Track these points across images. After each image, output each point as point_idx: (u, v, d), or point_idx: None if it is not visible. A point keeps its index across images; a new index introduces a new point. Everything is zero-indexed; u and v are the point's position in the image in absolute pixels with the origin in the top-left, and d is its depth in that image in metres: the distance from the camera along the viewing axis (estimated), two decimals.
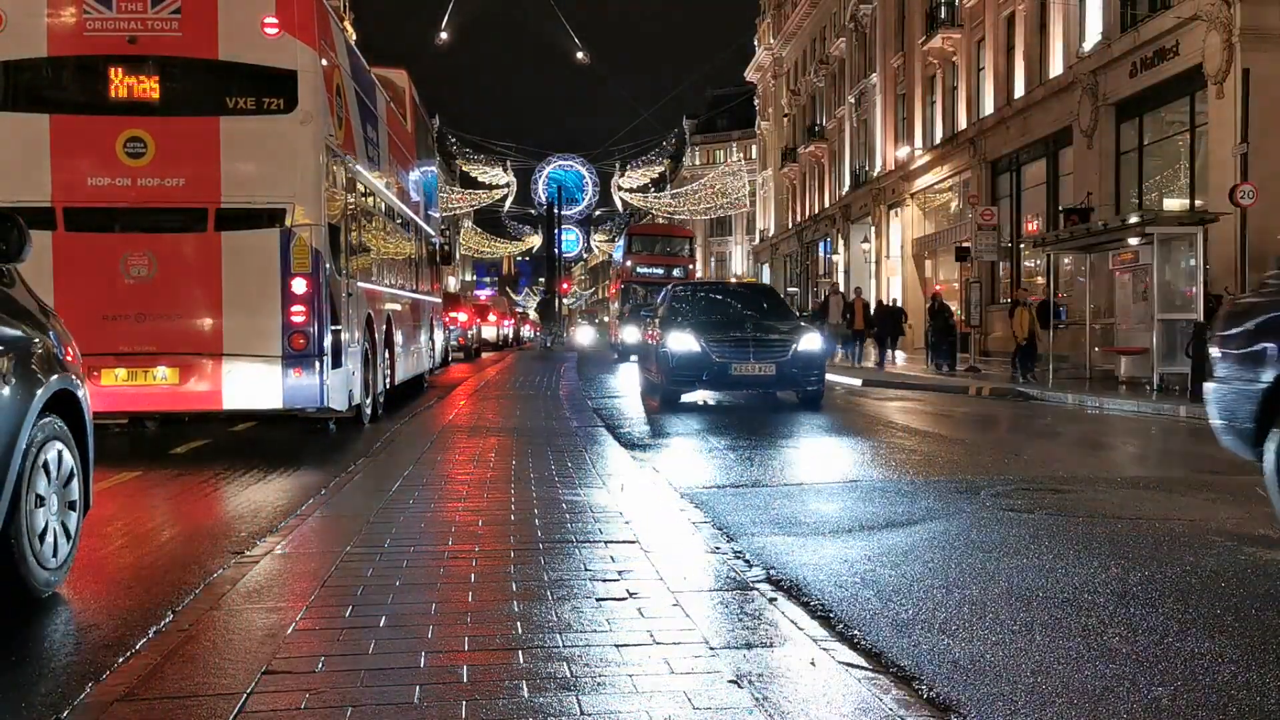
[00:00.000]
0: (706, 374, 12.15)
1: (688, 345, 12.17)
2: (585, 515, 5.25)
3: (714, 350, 12.08)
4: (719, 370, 12.05)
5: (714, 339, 12.20)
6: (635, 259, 38.23)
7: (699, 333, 12.34)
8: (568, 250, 59.01)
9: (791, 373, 12.21)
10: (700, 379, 12.30)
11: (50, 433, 4.01)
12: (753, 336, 12.39)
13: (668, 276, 37.39)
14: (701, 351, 12.06)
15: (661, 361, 12.45)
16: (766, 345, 12.28)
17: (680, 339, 12.29)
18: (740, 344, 12.23)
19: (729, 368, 12.04)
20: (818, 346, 12.61)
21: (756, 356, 12.11)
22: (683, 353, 12.16)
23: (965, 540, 5.03)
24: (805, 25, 53.17)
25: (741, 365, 12.06)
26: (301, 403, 8.57)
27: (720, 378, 12.20)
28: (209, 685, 2.85)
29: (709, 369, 12.07)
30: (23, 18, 8.34)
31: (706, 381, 12.34)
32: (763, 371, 12.09)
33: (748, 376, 12.17)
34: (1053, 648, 3.35)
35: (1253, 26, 18.39)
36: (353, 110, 10.44)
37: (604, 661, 3.01)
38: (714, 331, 12.45)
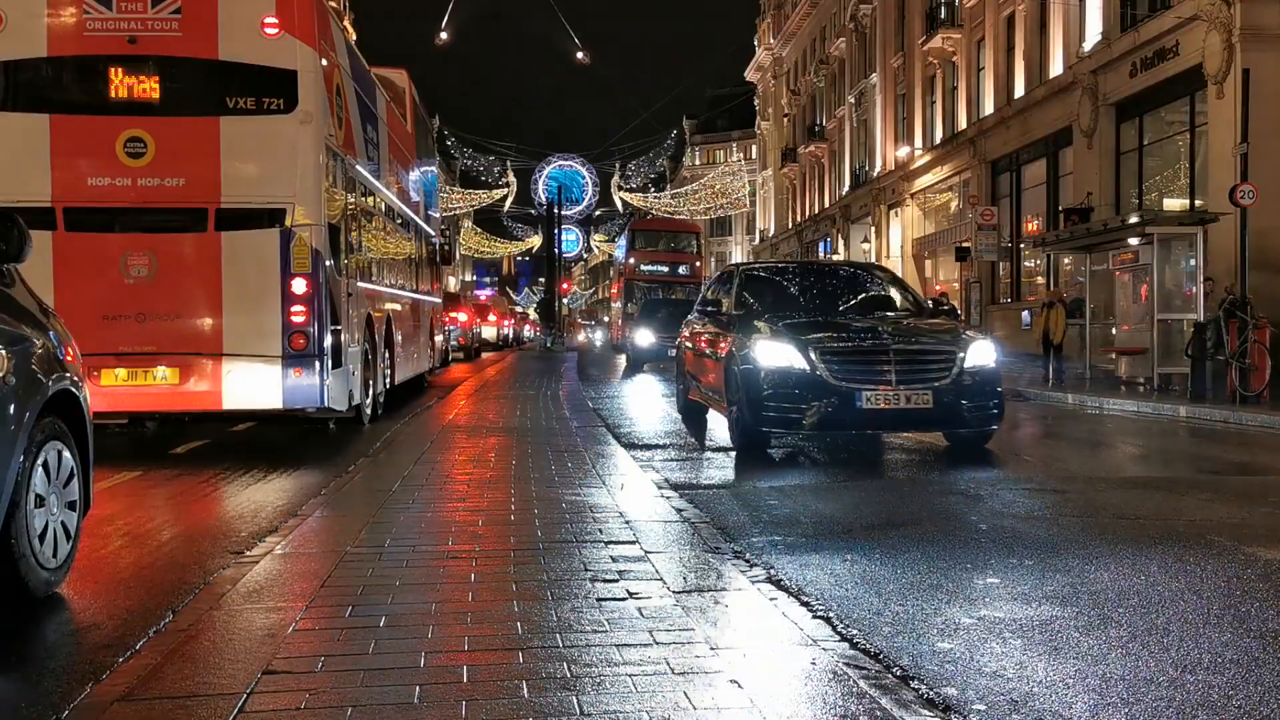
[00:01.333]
0: (820, 406, 7.69)
1: (786, 358, 7.82)
2: (585, 515, 5.25)
3: (831, 367, 7.70)
4: (841, 400, 7.62)
5: (830, 349, 7.84)
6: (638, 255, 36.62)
7: (803, 337, 7.95)
8: (568, 250, 59.01)
9: (957, 405, 7.82)
10: (807, 414, 7.74)
11: (50, 433, 4.01)
12: (893, 345, 7.96)
13: (673, 274, 35.90)
14: (810, 369, 7.71)
15: (740, 383, 8.08)
16: (917, 359, 7.94)
17: (773, 349, 7.94)
18: (873, 357, 7.83)
19: (857, 396, 7.60)
20: (992, 359, 8.14)
21: (903, 377, 7.69)
22: (778, 370, 7.83)
23: (965, 540, 5.03)
24: (805, 25, 53.16)
25: (877, 392, 7.60)
26: (301, 403, 8.57)
27: (843, 412, 7.66)
28: (209, 685, 2.85)
29: (824, 398, 7.67)
30: (23, 18, 8.34)
31: (820, 416, 7.71)
32: (913, 403, 7.66)
33: (889, 411, 7.66)
34: (1053, 648, 3.35)
35: (1253, 26, 18.39)
36: (353, 110, 10.43)
37: (604, 661, 3.01)
38: (826, 336, 8.06)
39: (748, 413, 8.04)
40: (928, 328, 8.82)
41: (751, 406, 7.99)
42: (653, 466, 7.44)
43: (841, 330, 8.34)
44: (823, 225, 49.35)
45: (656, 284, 35.00)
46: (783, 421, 7.92)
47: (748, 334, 8.40)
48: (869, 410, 7.63)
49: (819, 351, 7.77)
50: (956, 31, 32.26)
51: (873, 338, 8.13)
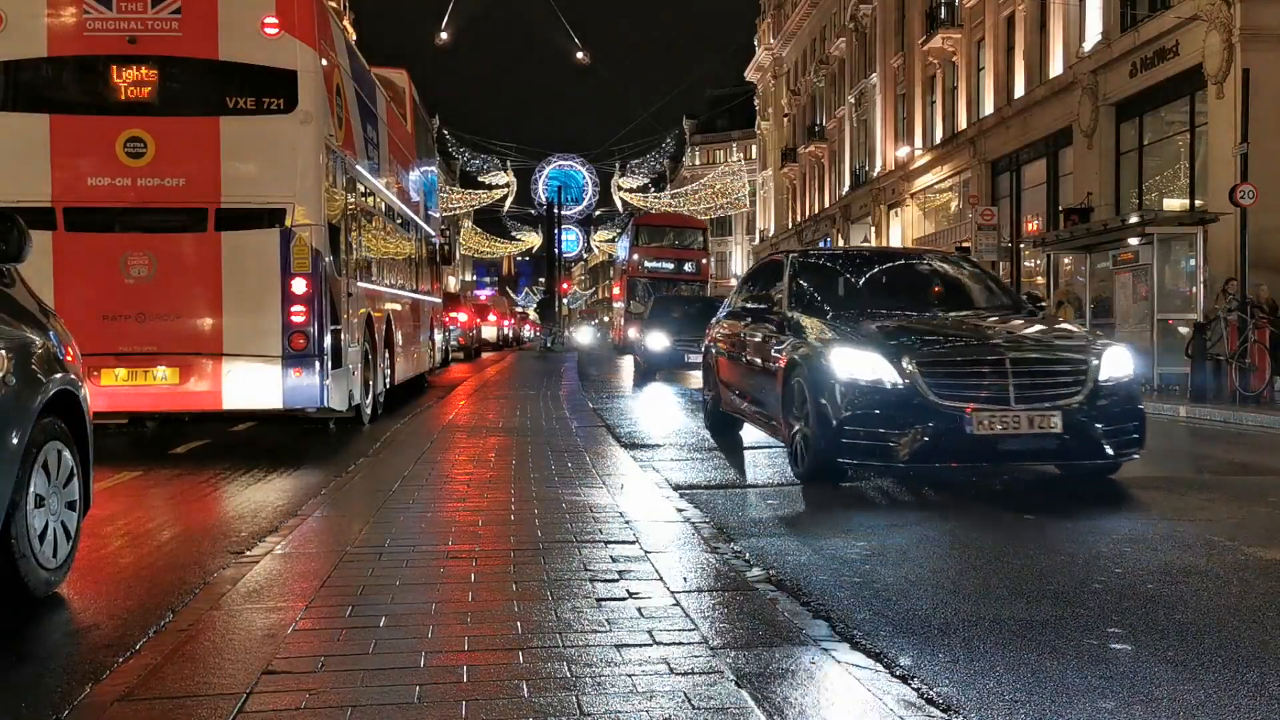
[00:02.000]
0: (918, 432, 6.00)
1: (872, 369, 6.21)
2: (585, 515, 5.25)
3: (932, 381, 6.06)
4: (945, 425, 5.96)
5: (929, 358, 6.19)
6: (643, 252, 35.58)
7: (893, 343, 6.34)
8: (568, 250, 59.00)
9: (1091, 430, 6.12)
10: (901, 443, 6.02)
11: (50, 433, 4.01)
12: (1009, 353, 6.26)
13: (679, 271, 34.97)
14: (904, 384, 6.09)
15: (810, 401, 6.47)
16: (1040, 371, 6.25)
17: (854, 358, 6.31)
18: (985, 368, 6.15)
19: (965, 422, 5.91)
20: (1130, 370, 6.50)
21: (1024, 395, 6.04)
22: (862, 385, 6.20)
23: (965, 541, 5.03)
24: (805, 25, 53.17)
25: (991, 413, 5.93)
26: (301, 403, 8.57)
27: (948, 440, 5.99)
28: (209, 685, 2.85)
29: (923, 421, 6.00)
30: (23, 18, 8.34)
31: (918, 446, 5.99)
32: (1038, 427, 5.99)
33: (1007, 438, 5.97)
34: (1052, 647, 3.35)
35: (1253, 26, 18.40)
36: (353, 110, 10.44)
37: (604, 661, 3.01)
38: (922, 342, 6.42)
39: (821, 439, 6.28)
40: (1046, 331, 7.06)
41: (826, 431, 6.23)
42: (653, 467, 7.43)
43: (938, 334, 6.61)
44: (823, 225, 49.35)
45: (661, 281, 34.06)
46: (868, 451, 6.13)
47: (817, 338, 6.72)
48: (981, 438, 5.87)
49: (916, 361, 6.05)
50: (956, 31, 32.26)
51: (982, 343, 6.44)
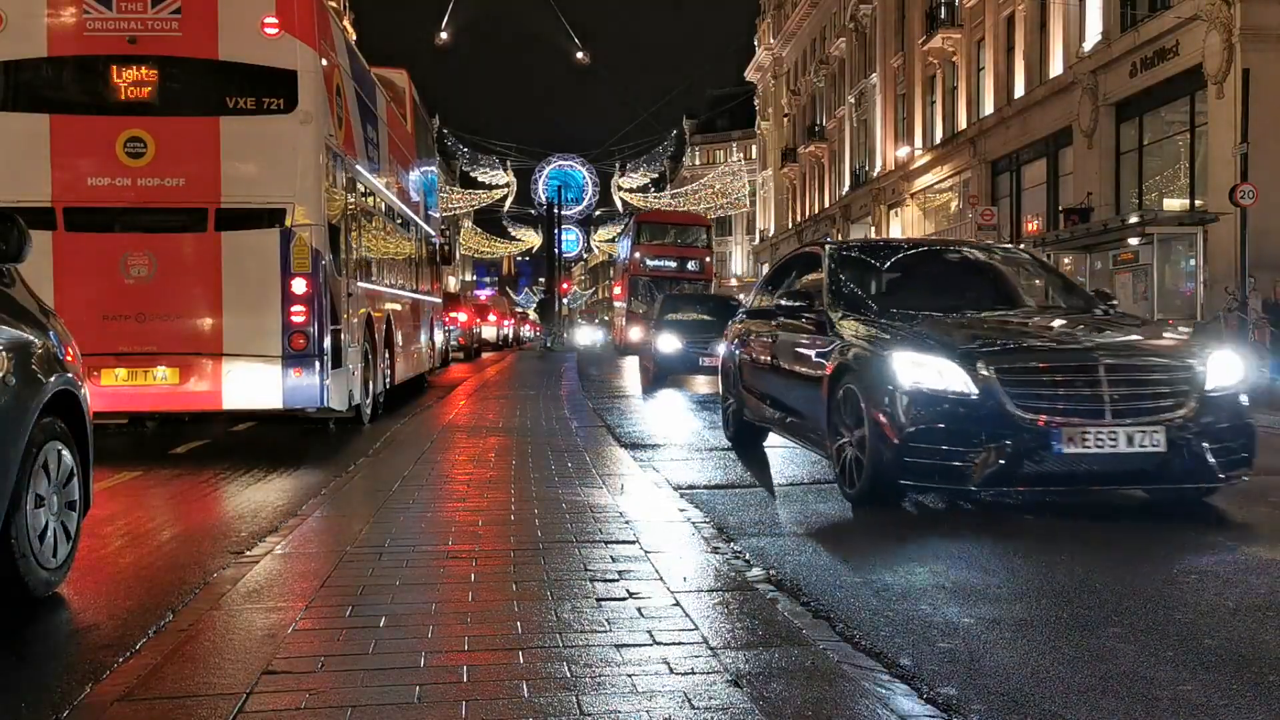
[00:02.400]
0: (997, 450, 5.20)
1: (941, 376, 5.39)
2: (585, 515, 5.25)
3: (1014, 390, 5.25)
4: (1030, 442, 5.17)
5: (1010, 364, 5.38)
6: (645, 250, 34.67)
7: (966, 346, 5.53)
8: (568, 250, 59.00)
9: (1198, 448, 5.29)
10: (977, 463, 5.22)
11: (50, 433, 4.01)
12: (1103, 358, 5.38)
13: (682, 270, 33.97)
14: (979, 394, 5.28)
15: (865, 413, 5.60)
16: (1140, 380, 5.41)
17: (919, 363, 5.48)
18: (1076, 376, 5.33)
19: (1054, 438, 5.13)
20: (1238, 377, 5.62)
21: (1123, 407, 5.22)
22: (930, 394, 5.38)
23: (967, 541, 5.02)
24: (805, 25, 53.19)
25: (1085, 430, 5.14)
26: (301, 403, 8.57)
27: (1033, 460, 5.20)
28: (209, 685, 2.85)
29: (1003, 438, 5.20)
30: (23, 18, 8.34)
31: (997, 467, 5.21)
32: (1139, 445, 5.16)
33: (1104, 458, 5.16)
34: (1052, 647, 3.35)
35: (1253, 26, 18.41)
36: (353, 110, 10.43)
37: (604, 661, 3.01)
38: (1000, 345, 5.60)
39: (881, 456, 5.43)
40: (1141, 332, 6.17)
41: (886, 448, 5.38)
42: (653, 466, 7.42)
43: (1015, 336, 5.77)
44: (823, 225, 49.35)
45: (664, 280, 33.20)
46: (936, 472, 5.29)
47: (872, 340, 5.89)
48: (1073, 457, 5.09)
49: (995, 367, 5.24)
50: (956, 31, 32.28)
51: (1070, 346, 5.63)
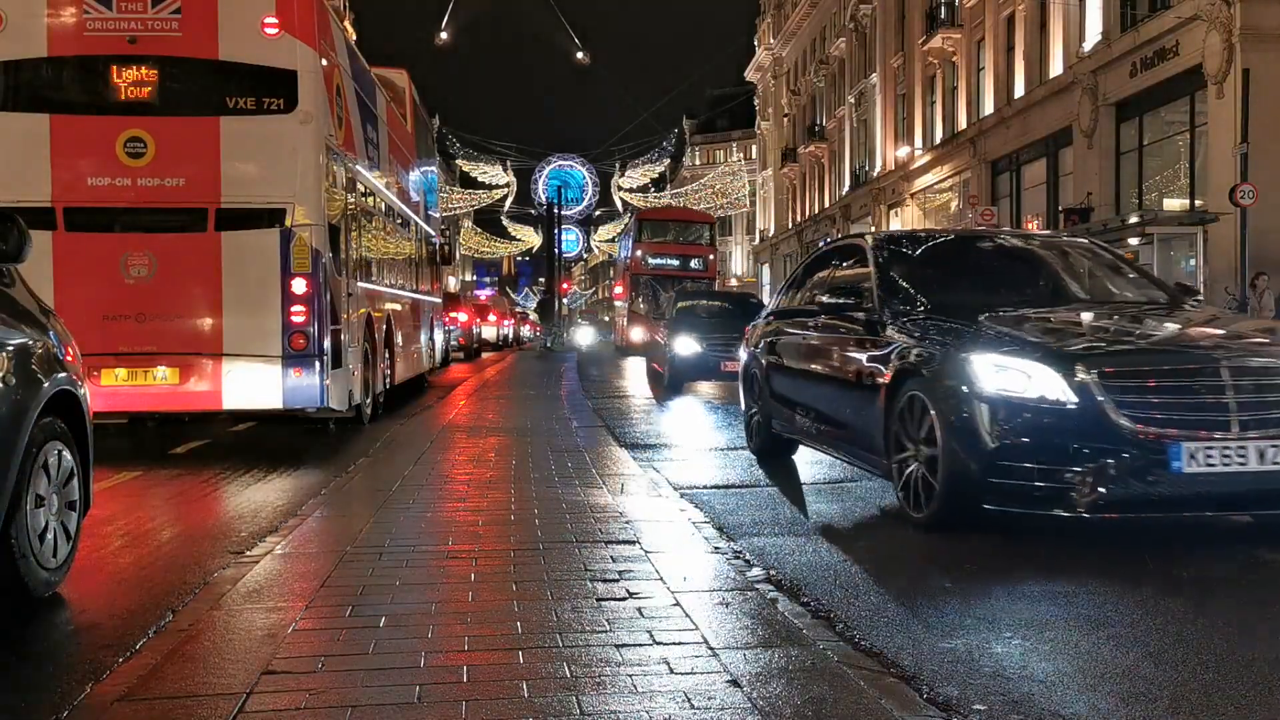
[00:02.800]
0: (1103, 469, 4.44)
1: (1032, 382, 4.65)
2: (585, 515, 5.25)
3: (1121, 400, 4.52)
4: (1142, 460, 4.43)
5: (1115, 369, 4.63)
6: (646, 248, 33.37)
7: (1058, 348, 4.82)
8: (568, 250, 58.99)
9: None
10: (1080, 484, 4.47)
11: (50, 433, 4.01)
12: (1224, 360, 4.66)
13: (684, 268, 33.01)
14: (1082, 403, 4.53)
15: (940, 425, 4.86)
16: (1270, 386, 4.63)
17: (1003, 366, 4.77)
18: (1196, 382, 4.61)
19: (1172, 455, 4.38)
20: None
21: (1252, 418, 4.48)
22: (1019, 404, 4.66)
23: (966, 540, 5.02)
24: (805, 25, 53.20)
25: (1209, 445, 4.39)
26: (301, 403, 8.57)
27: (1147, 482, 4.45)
28: (209, 685, 2.85)
29: (1109, 454, 4.44)
30: (23, 18, 8.34)
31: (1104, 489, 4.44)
32: (1274, 460, 4.42)
33: (1230, 478, 4.42)
34: (1053, 647, 3.35)
35: (1253, 26, 18.41)
36: (353, 110, 10.44)
37: (604, 661, 3.01)
38: (1099, 345, 4.99)
39: (959, 475, 4.72)
40: (1259, 332, 5.27)
41: (966, 466, 4.68)
42: (653, 466, 7.42)
43: (1117, 335, 5.21)
44: (823, 225, 49.36)
45: (666, 279, 31.88)
46: (1028, 495, 4.54)
47: (942, 340, 5.15)
48: (1194, 477, 4.34)
49: (1097, 371, 4.48)
50: (956, 31, 32.28)
51: (1183, 347, 4.94)
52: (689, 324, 15.67)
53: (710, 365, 14.64)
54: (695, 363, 14.85)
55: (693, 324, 15.69)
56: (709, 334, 14.93)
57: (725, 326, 14.49)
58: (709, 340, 14.70)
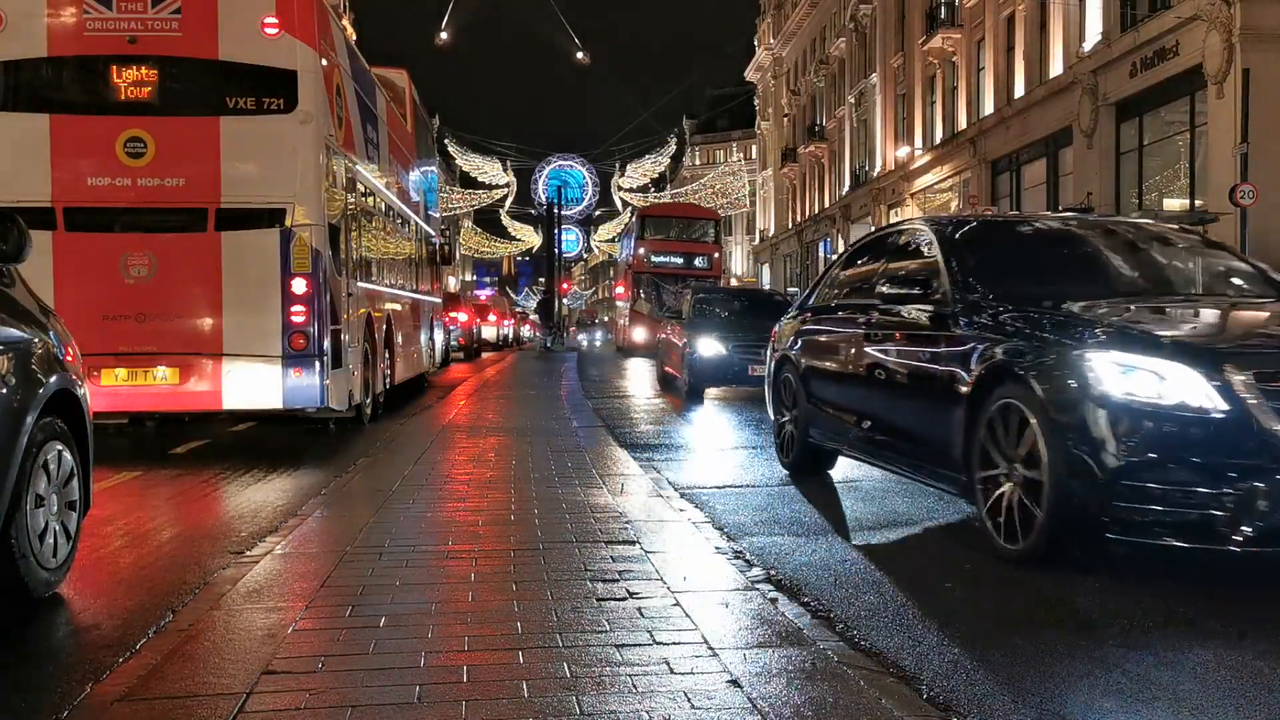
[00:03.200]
0: (1262, 491, 3.71)
1: (1166, 385, 3.93)
2: (585, 515, 5.25)
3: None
4: None
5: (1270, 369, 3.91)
6: (649, 245, 32.30)
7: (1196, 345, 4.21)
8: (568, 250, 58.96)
9: None
10: (1237, 510, 3.74)
11: (50, 433, 4.01)
12: None
13: (689, 266, 31.73)
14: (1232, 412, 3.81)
15: (1062, 433, 4.09)
16: None
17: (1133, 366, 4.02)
18: None
19: None
20: None
21: None
22: (1152, 411, 3.91)
23: (966, 540, 5.02)
24: (805, 25, 53.19)
25: None
26: (301, 403, 8.57)
27: None
28: (209, 685, 2.85)
29: (1268, 472, 3.73)
30: (23, 18, 8.34)
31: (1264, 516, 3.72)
32: None
33: None
34: (1053, 646, 3.35)
35: (1253, 26, 18.41)
36: (353, 110, 10.43)
37: (604, 661, 3.01)
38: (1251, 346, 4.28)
39: (1072, 500, 4.04)
40: None
41: (1082, 489, 4.00)
42: (653, 466, 7.42)
43: (1261, 333, 4.55)
44: (823, 225, 49.37)
45: (669, 278, 30.93)
46: (1165, 523, 3.87)
47: (1045, 336, 4.42)
48: None
49: (1253, 372, 3.84)
50: (956, 31, 32.28)
51: None
52: (710, 323, 14.11)
53: (735, 369, 13.02)
54: (719, 366, 13.19)
55: (714, 323, 14.15)
56: (734, 334, 13.32)
57: (750, 326, 13.12)
58: (734, 341, 13.07)
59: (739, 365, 12.84)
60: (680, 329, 14.57)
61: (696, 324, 14.11)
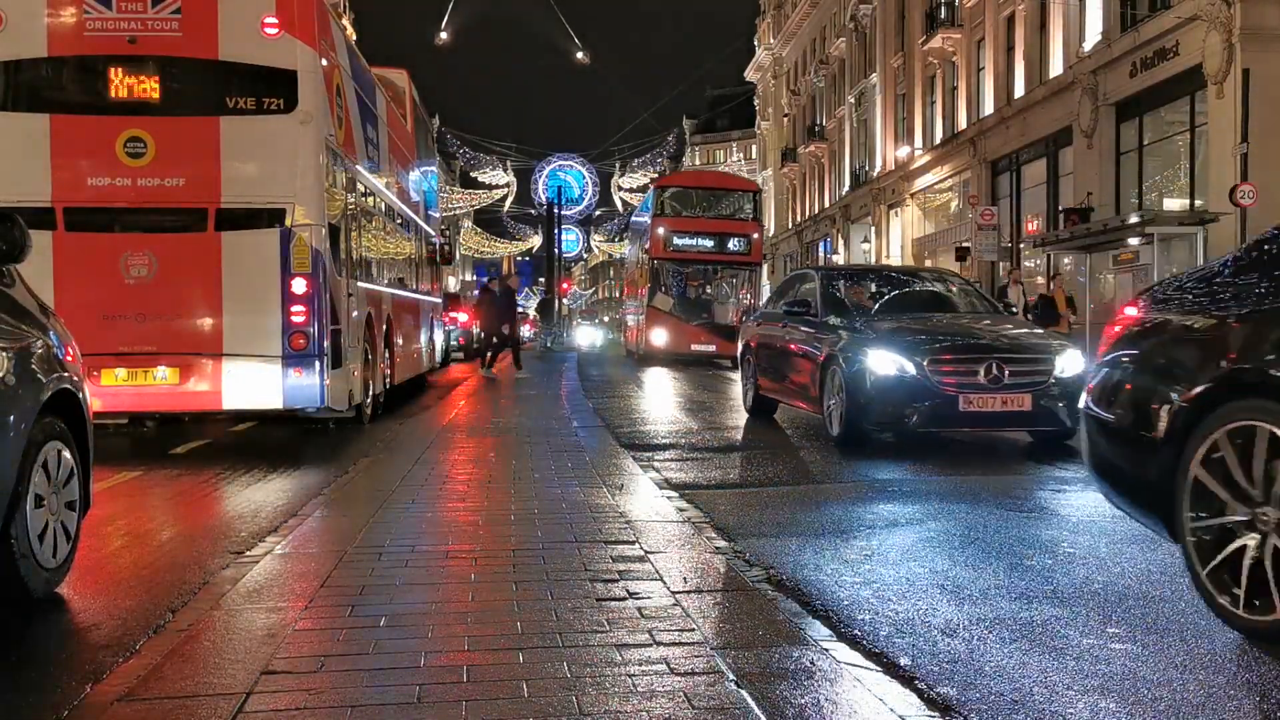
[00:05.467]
0: None
1: None
2: (585, 515, 5.25)
3: None
4: None
5: None
6: (670, 225, 25.49)
7: None
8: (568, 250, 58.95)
9: None
10: None
11: (50, 433, 4.01)
12: None
13: (720, 250, 25.41)
14: None
15: None
16: None
17: None
18: None
19: None
20: None
21: None
22: None
23: (966, 540, 5.02)
24: (805, 25, 53.19)
25: None
26: (301, 403, 8.57)
27: None
28: (209, 685, 2.85)
29: None
30: (23, 18, 8.34)
31: None
32: None
33: None
34: (1053, 646, 3.35)
35: (1253, 26, 18.41)
36: (353, 110, 10.44)
37: (604, 661, 3.01)
38: None
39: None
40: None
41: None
42: (653, 466, 7.42)
43: None
44: (823, 225, 49.37)
45: (695, 265, 25.85)
46: None
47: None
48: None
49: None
50: (956, 31, 32.28)
51: None
52: (876, 322, 8.81)
53: (934, 401, 7.89)
54: (904, 393, 7.93)
55: (882, 322, 8.81)
56: (923, 339, 8.21)
57: (944, 328, 8.76)
58: (926, 350, 8.02)
59: (939, 393, 7.86)
60: (812, 331, 9.29)
61: (851, 323, 8.86)
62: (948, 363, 7.93)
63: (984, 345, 8.18)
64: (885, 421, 8.09)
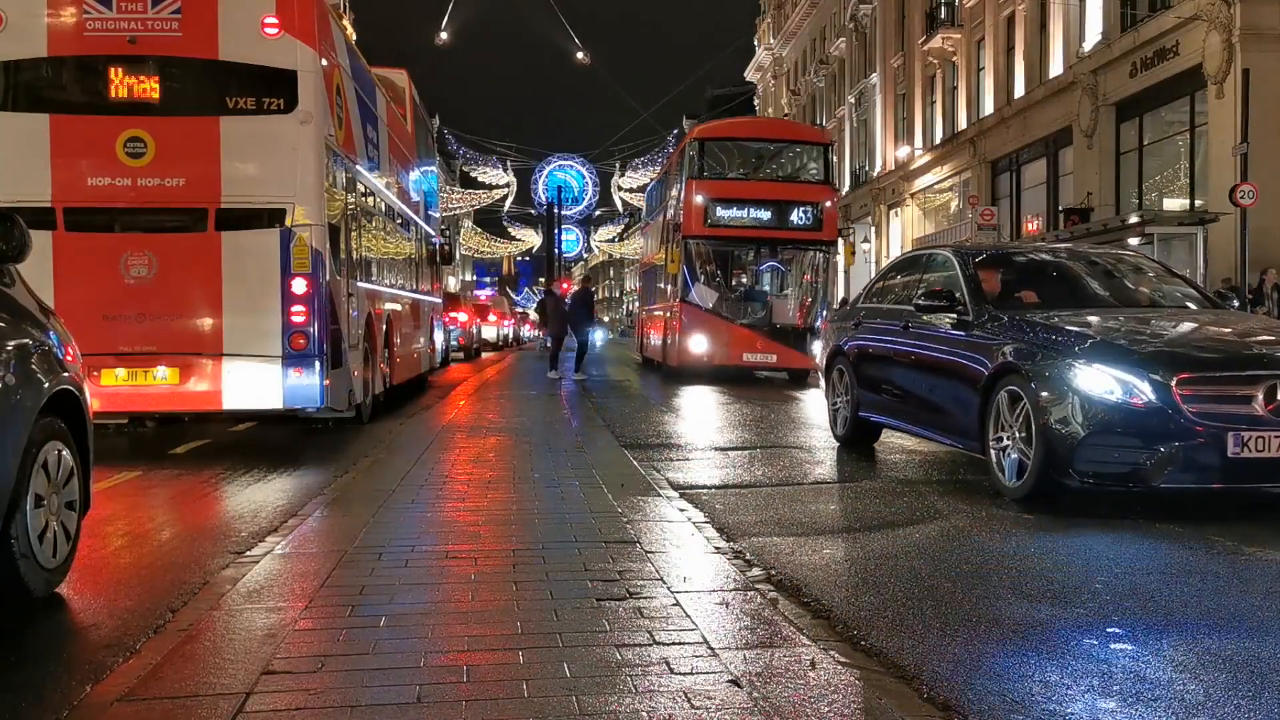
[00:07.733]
0: None
1: None
2: (585, 515, 5.25)
3: None
4: None
5: None
6: (711, 190, 18.52)
7: None
8: (568, 250, 58.98)
9: None
10: None
11: (50, 433, 4.01)
12: None
13: (780, 225, 18.34)
14: None
15: None
16: None
17: None
18: None
19: None
20: None
21: None
22: None
23: (966, 540, 5.02)
24: (805, 25, 53.17)
25: None
26: (301, 403, 8.57)
27: None
28: (209, 685, 2.85)
29: None
30: (23, 18, 8.33)
31: None
32: None
33: None
34: (1052, 646, 3.35)
35: (1253, 26, 18.42)
36: (353, 110, 10.43)
37: (604, 661, 3.01)
38: None
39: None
40: None
41: None
42: (653, 466, 7.42)
43: None
44: None
45: (743, 244, 18.99)
46: None
47: None
48: None
49: None
50: (956, 31, 32.27)
51: None
52: (1068, 324, 6.21)
53: (1193, 441, 5.32)
54: (1145, 429, 5.41)
55: (1084, 326, 6.20)
56: (1172, 348, 5.82)
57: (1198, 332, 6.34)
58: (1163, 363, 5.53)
59: (1191, 430, 5.33)
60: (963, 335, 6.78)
61: (1030, 324, 6.34)
62: (1208, 382, 5.31)
63: (1257, 358, 5.55)
64: (1106, 473, 5.42)
